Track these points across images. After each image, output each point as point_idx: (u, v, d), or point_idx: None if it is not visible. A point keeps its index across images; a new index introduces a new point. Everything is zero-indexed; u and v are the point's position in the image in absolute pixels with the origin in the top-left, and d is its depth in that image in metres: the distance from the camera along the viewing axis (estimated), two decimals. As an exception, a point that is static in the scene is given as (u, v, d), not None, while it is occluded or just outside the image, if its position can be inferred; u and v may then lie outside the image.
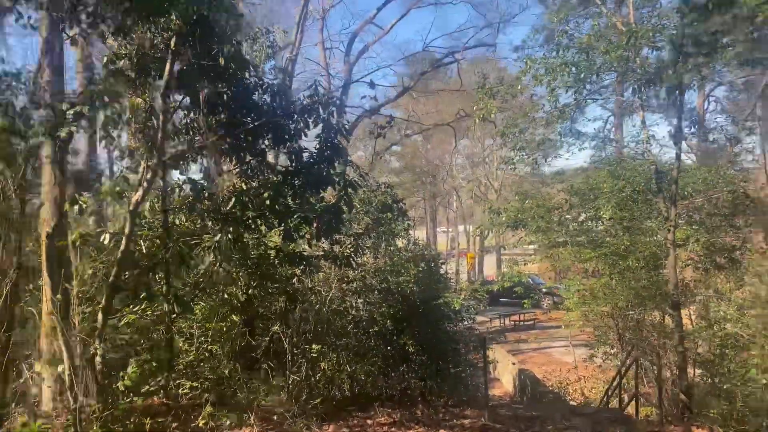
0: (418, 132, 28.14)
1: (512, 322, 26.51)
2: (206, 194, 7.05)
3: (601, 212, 13.13)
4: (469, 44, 24.42)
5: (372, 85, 14.97)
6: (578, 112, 11.49)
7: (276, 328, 8.67)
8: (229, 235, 6.91)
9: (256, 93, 7.54)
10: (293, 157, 7.81)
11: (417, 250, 13.05)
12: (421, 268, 12.23)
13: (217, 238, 6.51)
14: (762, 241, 13.84)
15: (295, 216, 7.51)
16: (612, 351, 14.37)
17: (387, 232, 12.05)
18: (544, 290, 29.51)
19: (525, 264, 16.08)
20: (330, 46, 24.27)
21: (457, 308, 11.56)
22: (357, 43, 23.83)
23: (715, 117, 23.71)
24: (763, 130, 24.10)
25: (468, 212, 48.17)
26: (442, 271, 13.26)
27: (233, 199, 6.87)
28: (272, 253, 8.26)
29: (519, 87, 10.63)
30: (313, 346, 9.18)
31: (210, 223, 7.23)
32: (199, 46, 6.54)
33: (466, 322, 13.73)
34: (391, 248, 12.24)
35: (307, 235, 7.91)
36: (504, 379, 18.19)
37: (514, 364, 17.50)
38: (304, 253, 8.61)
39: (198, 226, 7.50)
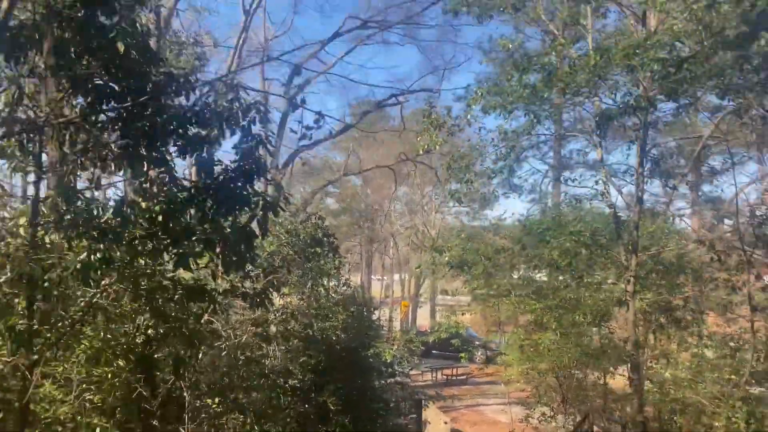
0: (357, 172, 27.09)
1: (444, 377, 25.18)
2: (80, 205, 5.51)
3: (548, 257, 12.28)
4: (413, 88, 23.86)
5: (319, 117, 13.77)
6: (518, 160, 10.82)
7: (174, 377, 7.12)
8: (106, 257, 5.33)
9: (164, 92, 6.17)
10: (203, 170, 6.44)
11: (348, 292, 11.68)
12: (351, 313, 10.84)
13: (81, 257, 4.93)
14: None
15: (194, 238, 6.06)
16: (551, 413, 13.28)
17: (315, 270, 10.63)
18: (477, 343, 28.47)
19: (463, 314, 14.97)
20: (272, 77, 23.13)
21: (388, 360, 10.17)
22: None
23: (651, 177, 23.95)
24: (693, 194, 24.63)
25: (404, 260, 47.16)
26: (374, 318, 11.89)
27: (110, 211, 5.35)
28: (169, 284, 6.70)
29: (468, 116, 9.75)
30: (216, 400, 7.63)
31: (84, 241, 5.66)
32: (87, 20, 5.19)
33: (398, 377, 12.36)
34: (319, 288, 10.81)
35: (212, 265, 6.46)
36: (435, 440, 16.70)
37: (446, 423, 16.09)
38: (208, 287, 7.10)
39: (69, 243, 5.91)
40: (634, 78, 8.35)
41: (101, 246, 5.06)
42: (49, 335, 5.39)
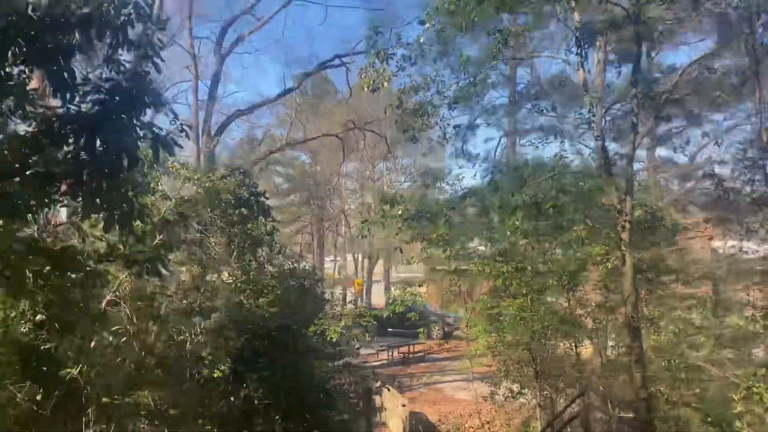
0: (301, 141, 24.96)
1: (401, 355, 23.65)
2: None
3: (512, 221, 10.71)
4: (359, 49, 21.82)
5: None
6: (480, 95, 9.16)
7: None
8: None
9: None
10: (60, 92, 4.52)
11: (286, 263, 9.76)
12: (290, 287, 8.95)
13: None
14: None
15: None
16: (519, 389, 11.84)
17: (241, 236, 8.67)
18: (434, 318, 27.07)
19: (420, 286, 13.31)
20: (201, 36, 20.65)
21: (334, 339, 8.44)
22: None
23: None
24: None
25: (357, 238, 45.37)
26: (320, 292, 10.03)
27: None
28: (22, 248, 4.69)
29: (421, 41, 7.91)
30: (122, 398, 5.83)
31: None
32: None
33: (347, 358, 10.63)
34: (248, 258, 8.85)
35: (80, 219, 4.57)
36: (392, 425, 15.09)
37: (404, 405, 14.48)
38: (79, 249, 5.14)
39: None
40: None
41: None
42: None
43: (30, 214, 4.26)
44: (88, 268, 4.97)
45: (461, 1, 6.79)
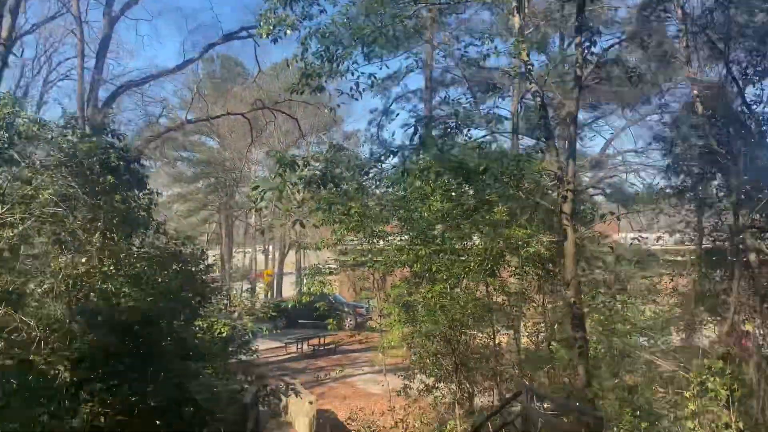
0: (204, 119, 22.76)
1: (311, 347, 22.23)
2: None
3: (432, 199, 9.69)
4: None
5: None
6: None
7: None
8: None
9: None
10: None
11: (170, 245, 8.12)
12: (173, 272, 7.35)
13: None
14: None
15: None
16: (432, 382, 10.89)
17: (107, 210, 6.95)
18: (346, 309, 25.89)
19: (330, 273, 12.00)
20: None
21: (224, 334, 6.94)
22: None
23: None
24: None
25: (268, 228, 43.17)
26: (210, 280, 8.45)
27: None
28: None
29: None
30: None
31: None
32: None
33: (242, 356, 9.13)
34: (117, 238, 7.16)
35: None
36: (298, 424, 13.71)
37: (311, 403, 13.13)
38: None
39: None
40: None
41: None
42: None
43: None
44: None
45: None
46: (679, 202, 10.88)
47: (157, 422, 4.73)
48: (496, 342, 10.62)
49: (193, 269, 7.83)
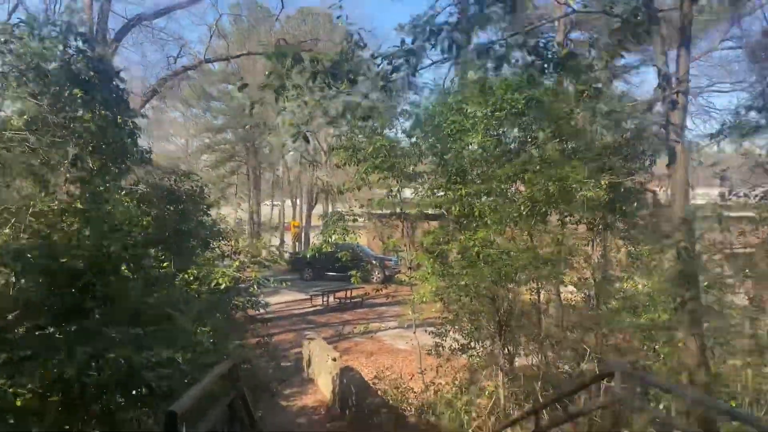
0: (224, 59, 21.20)
1: (337, 300, 21.22)
2: None
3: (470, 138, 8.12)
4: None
5: None
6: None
7: None
8: None
9: None
10: None
11: (165, 180, 6.79)
12: (163, 213, 6.01)
13: None
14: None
15: None
16: (467, 340, 9.55)
17: (79, 133, 5.54)
18: (374, 261, 24.72)
19: (354, 220, 10.61)
20: None
21: (222, 286, 5.67)
22: None
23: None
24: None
25: (296, 179, 41.97)
26: (209, 221, 7.11)
27: None
28: None
29: None
30: None
31: None
32: None
33: (253, 307, 7.88)
34: (92, 168, 5.81)
35: None
36: (321, 382, 12.70)
37: (334, 360, 12.04)
38: None
39: None
40: None
41: None
42: None
43: None
44: None
45: None
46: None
47: (93, 406, 3.41)
48: (545, 298, 9.18)
49: (192, 208, 6.51)
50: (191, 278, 5.80)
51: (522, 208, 6.98)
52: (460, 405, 8.07)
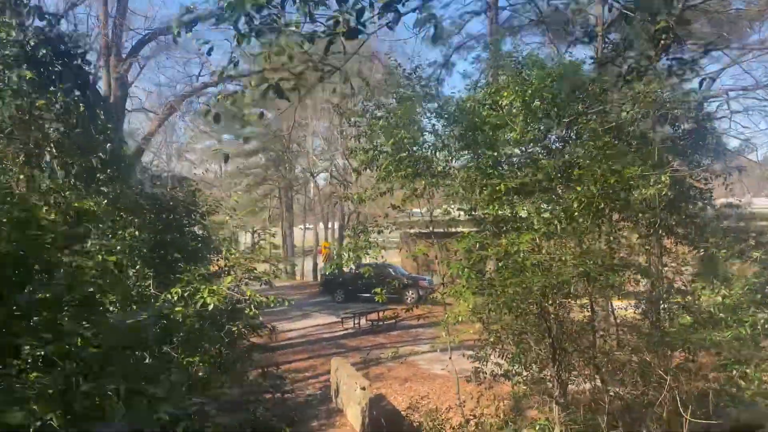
0: (245, 75, 20.58)
1: (369, 322, 20.01)
2: None
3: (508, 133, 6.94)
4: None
5: None
6: None
7: None
8: None
9: None
10: None
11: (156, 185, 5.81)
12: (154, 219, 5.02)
13: None
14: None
15: None
16: (509, 365, 8.21)
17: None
18: (408, 281, 23.44)
19: (380, 231, 9.46)
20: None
21: (209, 307, 4.56)
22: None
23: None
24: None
25: (327, 200, 41.24)
26: (205, 233, 6.07)
27: None
28: None
29: None
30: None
31: None
32: None
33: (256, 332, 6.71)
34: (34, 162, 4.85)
35: None
36: (350, 413, 11.43)
37: (363, 388, 10.78)
38: None
39: None
40: None
41: None
42: None
43: None
44: None
45: None
46: None
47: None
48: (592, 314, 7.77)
49: (182, 216, 5.51)
50: (176, 298, 4.75)
51: (576, 205, 5.70)
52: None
